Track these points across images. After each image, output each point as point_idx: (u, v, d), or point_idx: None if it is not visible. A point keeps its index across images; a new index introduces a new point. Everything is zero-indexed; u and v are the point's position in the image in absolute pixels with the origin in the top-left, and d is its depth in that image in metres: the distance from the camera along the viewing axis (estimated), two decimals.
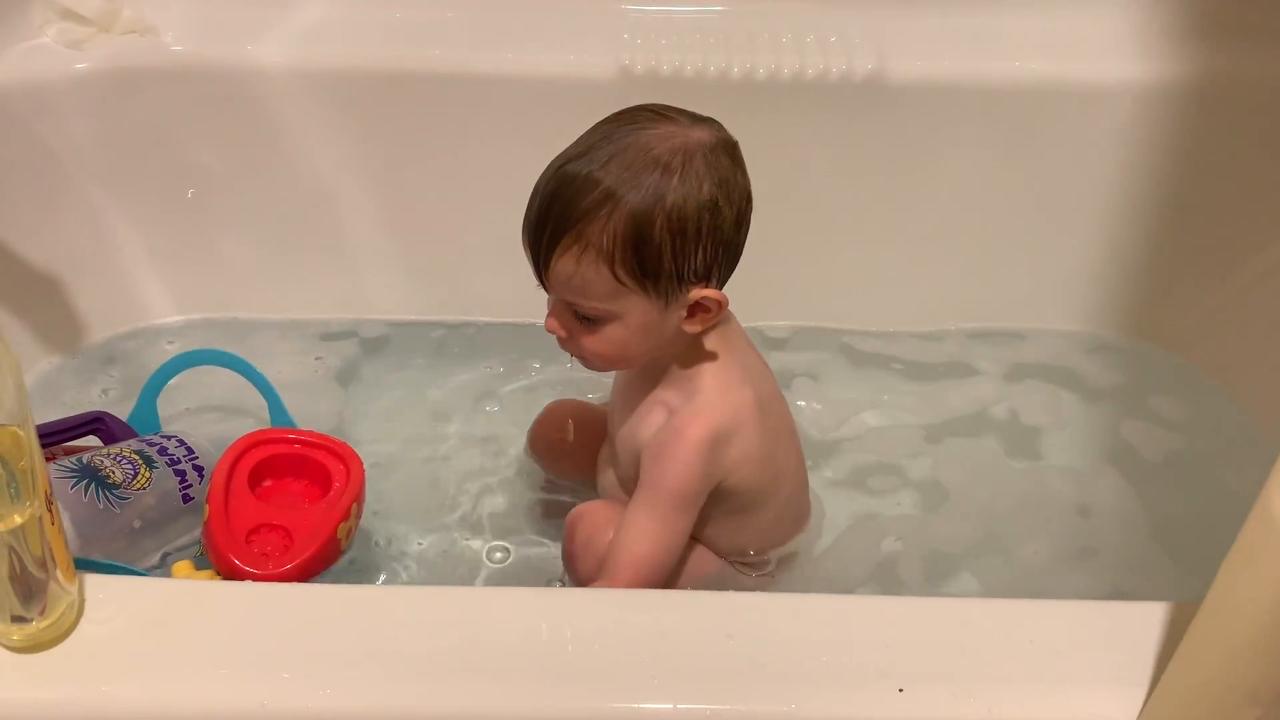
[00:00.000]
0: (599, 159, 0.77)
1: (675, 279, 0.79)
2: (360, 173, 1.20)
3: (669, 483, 0.83)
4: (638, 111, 0.81)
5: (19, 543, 0.60)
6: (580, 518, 0.90)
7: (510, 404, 1.16)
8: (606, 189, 0.76)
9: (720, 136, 0.80)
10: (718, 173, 0.78)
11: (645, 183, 0.76)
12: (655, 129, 0.78)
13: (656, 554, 0.83)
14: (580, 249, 0.77)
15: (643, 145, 0.77)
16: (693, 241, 0.78)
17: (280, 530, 0.84)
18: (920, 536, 1.05)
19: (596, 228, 0.77)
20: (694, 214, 0.77)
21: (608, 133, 0.79)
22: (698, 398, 0.84)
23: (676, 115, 0.80)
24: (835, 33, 1.16)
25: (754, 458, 0.85)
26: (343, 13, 1.18)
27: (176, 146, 1.17)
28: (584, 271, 0.78)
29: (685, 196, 0.77)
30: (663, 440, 0.83)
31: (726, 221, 0.79)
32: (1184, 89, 1.14)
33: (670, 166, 0.77)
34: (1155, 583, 1.01)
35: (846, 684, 0.63)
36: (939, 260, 1.24)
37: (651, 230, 0.76)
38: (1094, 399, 1.20)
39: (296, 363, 1.19)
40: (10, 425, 0.59)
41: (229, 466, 0.87)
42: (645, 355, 0.84)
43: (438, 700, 0.62)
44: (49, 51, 1.13)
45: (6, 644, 0.63)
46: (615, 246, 0.77)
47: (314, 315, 1.25)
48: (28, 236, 1.13)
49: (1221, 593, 0.56)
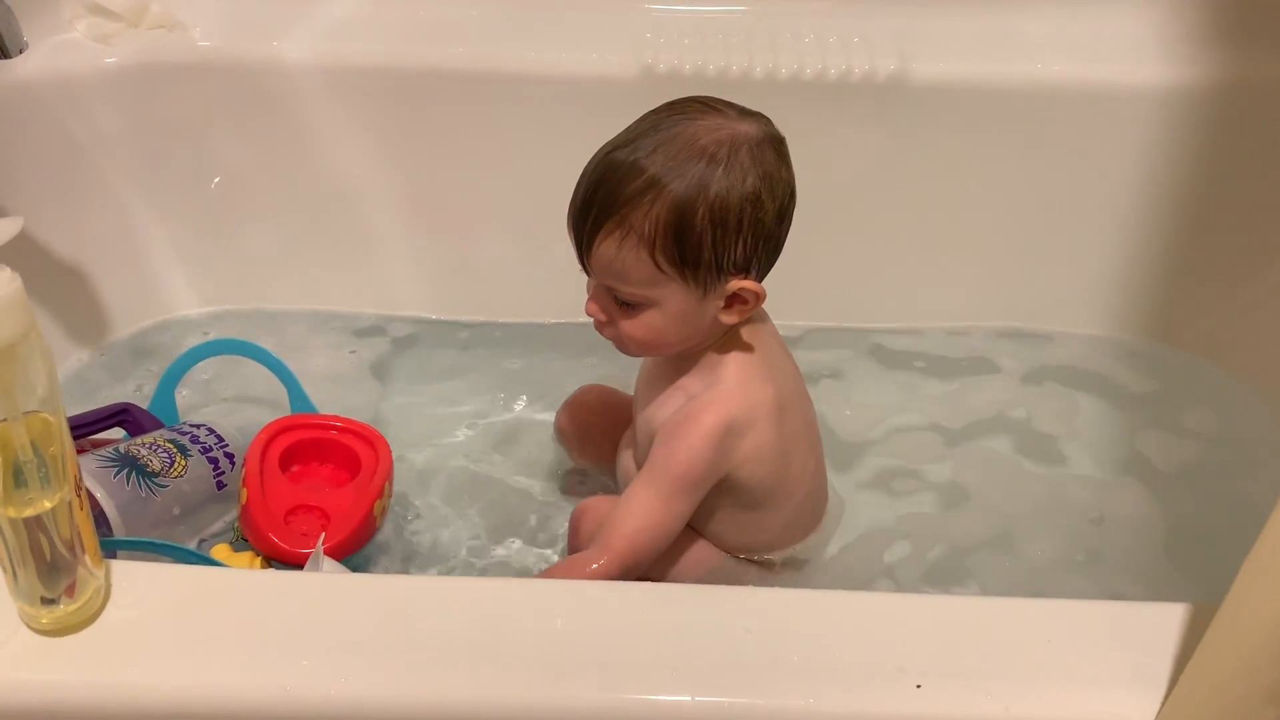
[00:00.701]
0: (645, 147, 0.79)
1: (715, 269, 0.80)
2: (383, 169, 1.21)
3: (675, 464, 0.83)
4: (687, 103, 0.82)
5: (49, 527, 0.61)
6: (584, 513, 0.92)
7: (533, 403, 1.17)
8: (651, 176, 0.78)
9: (767, 131, 0.81)
10: (762, 166, 0.79)
11: (690, 172, 0.77)
12: (703, 120, 0.79)
13: (651, 530, 0.84)
14: (623, 234, 0.78)
15: (689, 135, 0.78)
16: (734, 232, 0.78)
17: (317, 511, 0.86)
18: (933, 539, 1.05)
19: (640, 213, 0.78)
20: (736, 205, 0.78)
21: (656, 122, 0.81)
22: (717, 386, 0.85)
23: (725, 108, 0.81)
24: (858, 33, 1.17)
25: (767, 456, 0.86)
26: (368, 10, 1.19)
27: (203, 141, 1.18)
28: (625, 256, 0.79)
29: (729, 188, 0.77)
30: (676, 422, 0.84)
31: (768, 215, 0.79)
32: (1206, 91, 1.14)
33: (716, 157, 0.78)
34: (1158, 593, 1.00)
35: (864, 679, 0.63)
36: (961, 261, 1.24)
37: (694, 219, 0.77)
38: (1116, 402, 1.20)
39: (331, 355, 1.20)
40: (42, 412, 0.60)
41: (260, 451, 0.89)
42: (681, 343, 0.85)
43: (456, 689, 0.62)
44: (78, 46, 1.14)
45: (35, 627, 0.63)
46: (657, 233, 0.78)
47: (338, 308, 1.26)
48: (56, 230, 1.15)
49: (1241, 594, 0.56)
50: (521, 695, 0.62)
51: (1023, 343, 1.26)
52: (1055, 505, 1.09)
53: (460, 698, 0.62)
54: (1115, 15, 1.18)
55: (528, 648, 0.64)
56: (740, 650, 0.64)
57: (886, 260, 1.25)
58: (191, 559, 0.83)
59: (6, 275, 0.56)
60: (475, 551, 1.02)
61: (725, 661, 0.63)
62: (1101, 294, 1.26)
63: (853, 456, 1.12)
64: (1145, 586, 1.01)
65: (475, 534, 1.03)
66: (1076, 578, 1.02)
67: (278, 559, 0.84)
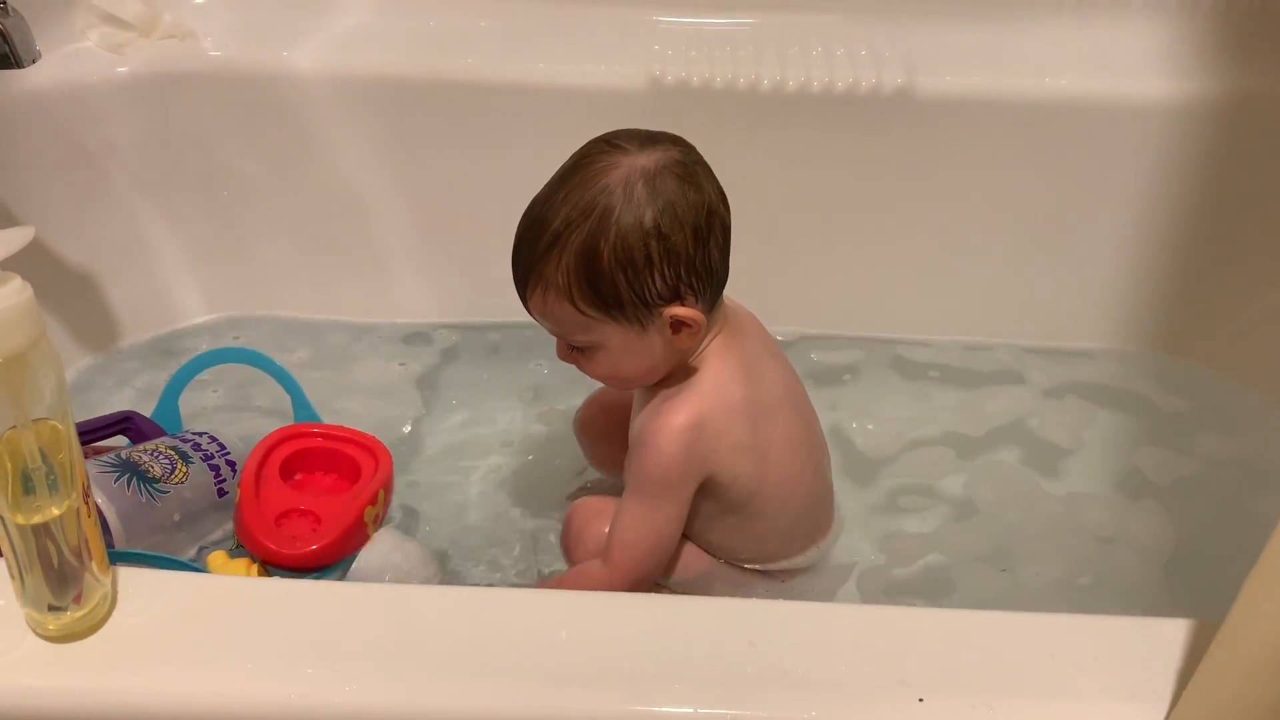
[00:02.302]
0: (554, 201, 0.80)
1: (640, 304, 0.80)
2: (393, 178, 1.21)
3: (650, 468, 0.84)
4: (592, 145, 0.83)
5: (57, 534, 0.61)
6: (575, 510, 0.94)
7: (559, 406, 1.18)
8: (555, 230, 0.79)
9: (667, 157, 0.80)
10: (662, 197, 0.79)
11: (588, 219, 0.79)
12: (601, 161, 0.80)
13: (646, 540, 0.85)
14: (544, 289, 0.81)
15: (588, 180, 0.80)
16: (645, 268, 0.79)
17: (309, 515, 0.87)
18: (950, 554, 1.04)
19: (551, 268, 0.80)
20: (638, 242, 0.78)
21: (565, 172, 0.82)
22: (688, 389, 0.85)
23: (627, 142, 0.81)
24: (864, 46, 1.17)
25: (746, 456, 0.86)
26: (378, 20, 1.20)
27: (214, 150, 1.19)
28: (551, 309, 0.82)
29: (628, 227, 0.78)
30: (647, 427, 0.85)
31: (679, 242, 0.79)
32: (1213, 105, 1.14)
33: (613, 198, 0.78)
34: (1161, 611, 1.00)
35: (867, 692, 0.63)
36: (970, 273, 1.25)
37: (600, 264, 0.79)
38: (1127, 415, 1.19)
39: (380, 367, 1.21)
40: (50, 419, 0.60)
41: (261, 456, 0.90)
42: (647, 373, 0.86)
43: (459, 699, 0.63)
44: (91, 55, 1.15)
45: (42, 633, 0.64)
46: (571, 283, 0.80)
47: (347, 317, 1.27)
48: (68, 237, 1.15)
49: (1244, 610, 0.56)
50: (524, 706, 0.63)
51: (1034, 355, 1.26)
52: (1065, 522, 1.08)
53: (464, 707, 0.63)
54: (1123, 29, 1.18)
55: (531, 658, 0.64)
56: (743, 662, 0.64)
57: (895, 271, 1.25)
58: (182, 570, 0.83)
59: (17, 284, 0.57)
60: (483, 561, 1.02)
61: (728, 673, 0.63)
62: (1111, 307, 1.26)
63: (873, 469, 1.12)
64: (1134, 609, 1.00)
65: (485, 544, 1.03)
66: (1065, 593, 1.01)
67: (266, 560, 0.84)
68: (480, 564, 1.01)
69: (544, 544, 1.03)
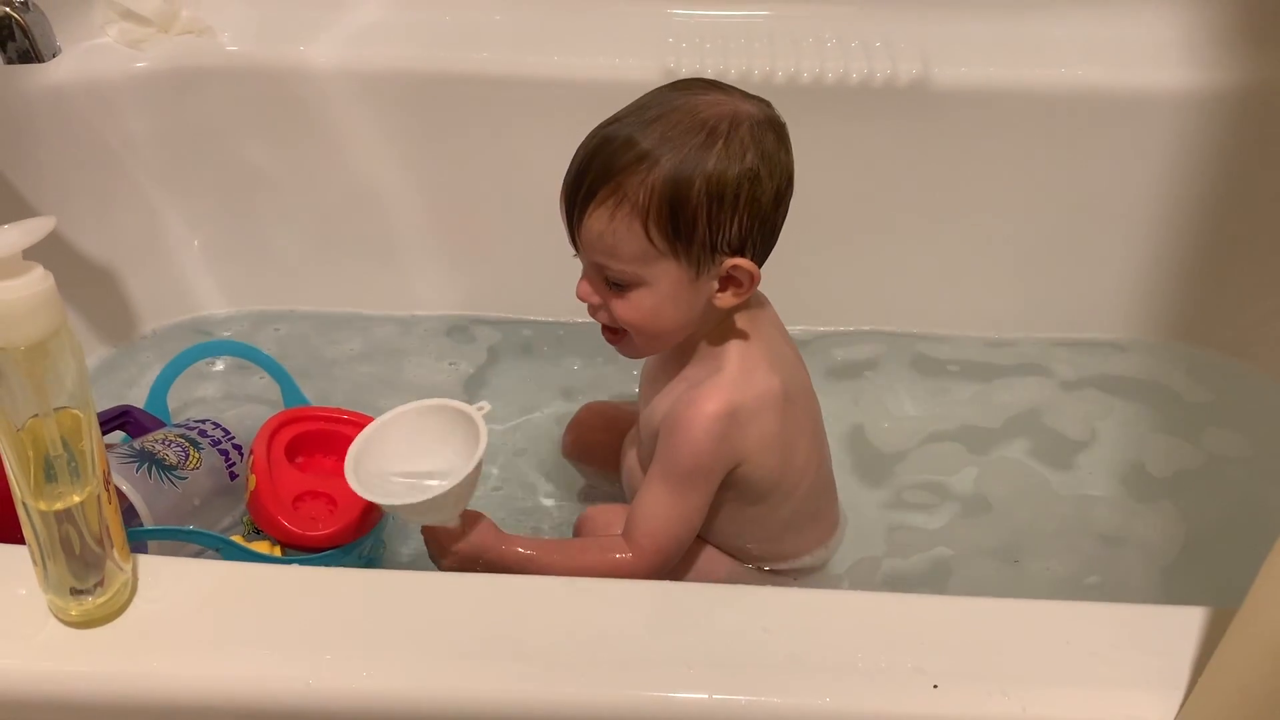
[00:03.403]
0: (643, 120, 0.77)
1: (708, 246, 0.78)
2: (409, 172, 1.22)
3: (682, 455, 0.82)
4: (691, 80, 0.81)
5: (78, 520, 0.62)
6: (585, 521, 0.91)
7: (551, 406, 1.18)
8: (647, 148, 0.76)
9: (769, 114, 0.80)
10: (762, 146, 0.77)
11: (688, 144, 0.76)
12: (704, 95, 0.79)
13: (671, 527, 0.83)
14: (615, 203, 0.76)
15: (689, 109, 0.77)
16: (729, 209, 0.77)
17: (324, 497, 0.87)
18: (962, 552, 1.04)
19: (635, 183, 0.76)
20: (734, 181, 0.76)
21: (656, 97, 0.80)
22: (719, 374, 0.83)
23: (729, 88, 0.80)
24: (879, 38, 1.17)
25: (772, 447, 0.84)
26: (393, 15, 1.21)
27: (231, 144, 1.20)
28: (617, 228, 0.77)
29: (728, 163, 0.76)
30: (678, 412, 0.82)
31: (766, 195, 0.78)
32: (1232, 95, 1.14)
33: (716, 131, 0.76)
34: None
35: (881, 679, 0.63)
36: (986, 265, 1.24)
37: (689, 191, 0.76)
38: (1144, 404, 1.19)
39: (431, 366, 1.22)
40: (72, 408, 0.61)
41: (267, 441, 0.90)
42: (676, 327, 0.82)
43: (474, 684, 0.63)
44: (110, 50, 1.16)
45: (64, 619, 0.65)
46: (651, 204, 0.76)
47: (363, 310, 1.28)
48: (86, 230, 1.17)
49: (1260, 596, 0.56)
50: (541, 691, 0.63)
51: (1060, 348, 1.25)
52: (1076, 520, 1.07)
53: (480, 692, 0.63)
54: (1139, 19, 1.17)
55: (547, 644, 0.65)
56: (758, 649, 0.64)
57: (914, 265, 1.25)
58: (222, 545, 0.84)
59: (39, 273, 0.57)
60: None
61: (743, 660, 0.64)
62: (1133, 298, 1.25)
63: (889, 465, 1.12)
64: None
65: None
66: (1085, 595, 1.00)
67: (288, 543, 0.85)
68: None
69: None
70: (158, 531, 0.84)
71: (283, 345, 1.23)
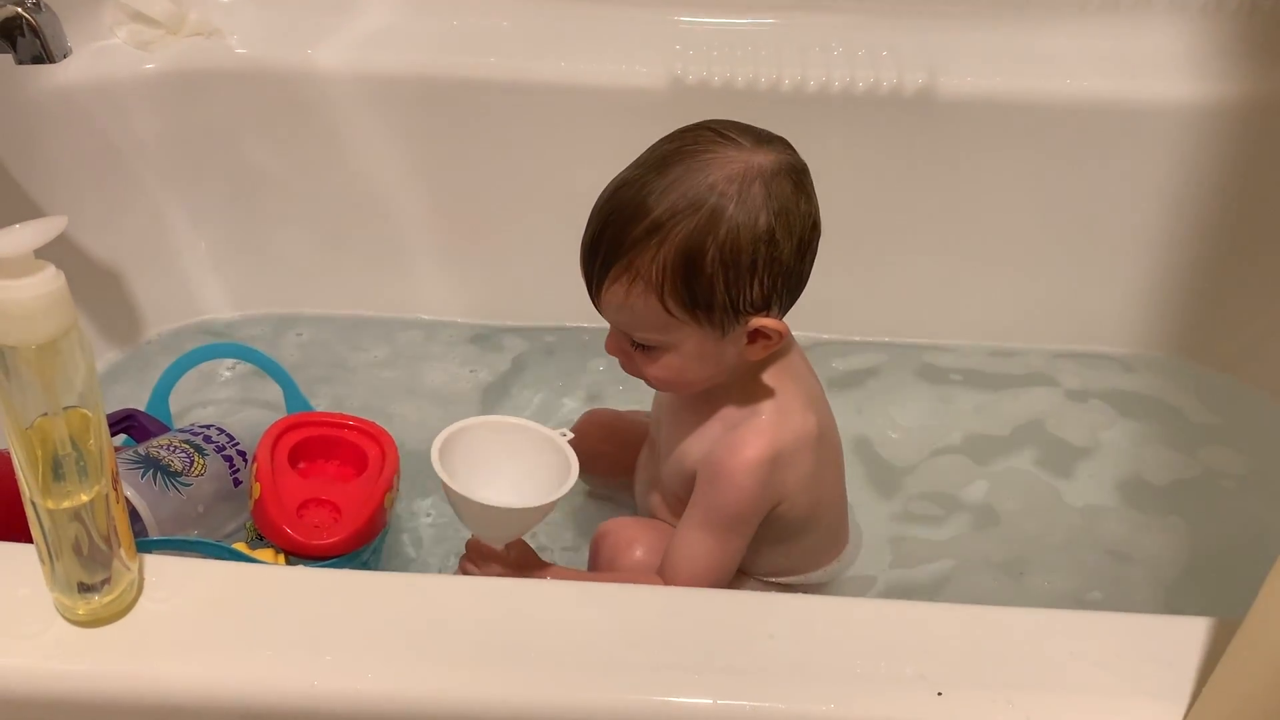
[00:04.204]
0: (654, 185, 0.74)
1: (730, 310, 0.76)
2: (416, 177, 1.22)
3: (725, 503, 0.80)
4: (700, 131, 0.77)
5: (86, 520, 0.62)
6: (605, 535, 0.89)
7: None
8: (657, 218, 0.73)
9: (784, 160, 0.76)
10: (778, 201, 0.74)
11: (698, 212, 0.73)
12: (714, 152, 0.75)
13: (711, 572, 0.82)
14: (630, 279, 0.75)
15: (698, 169, 0.74)
16: (747, 274, 0.75)
17: (328, 505, 0.87)
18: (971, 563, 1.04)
19: (646, 259, 0.74)
20: (748, 246, 0.74)
21: (666, 154, 0.76)
22: (759, 418, 0.81)
23: (740, 135, 0.76)
24: (886, 47, 1.17)
25: (807, 486, 0.84)
26: (402, 20, 1.21)
27: (239, 147, 1.20)
28: (634, 302, 0.76)
29: (739, 228, 0.73)
30: (720, 458, 0.81)
31: (785, 252, 0.75)
32: (1238, 107, 1.14)
33: (726, 194, 0.73)
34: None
35: (886, 686, 0.63)
36: (991, 277, 1.24)
37: (702, 262, 0.73)
38: (1149, 420, 1.19)
39: (449, 371, 1.22)
40: (81, 408, 0.61)
41: (270, 447, 0.90)
42: (706, 381, 0.81)
43: (479, 687, 0.63)
44: (119, 52, 1.16)
45: (71, 618, 0.65)
46: (665, 279, 0.74)
47: (371, 313, 1.28)
48: (93, 231, 1.17)
49: (1265, 608, 0.56)
50: (544, 695, 0.63)
51: (1065, 359, 1.25)
52: (1083, 535, 1.07)
53: (483, 696, 0.63)
54: (1146, 31, 1.17)
55: (551, 648, 0.65)
56: (762, 655, 0.64)
57: (917, 274, 1.25)
58: (227, 556, 0.84)
59: (51, 273, 0.58)
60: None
61: (748, 665, 0.64)
62: (1132, 311, 1.25)
63: (897, 477, 1.12)
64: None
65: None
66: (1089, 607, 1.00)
67: (292, 551, 0.85)
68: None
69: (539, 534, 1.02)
70: (162, 543, 0.84)
71: (305, 351, 1.23)
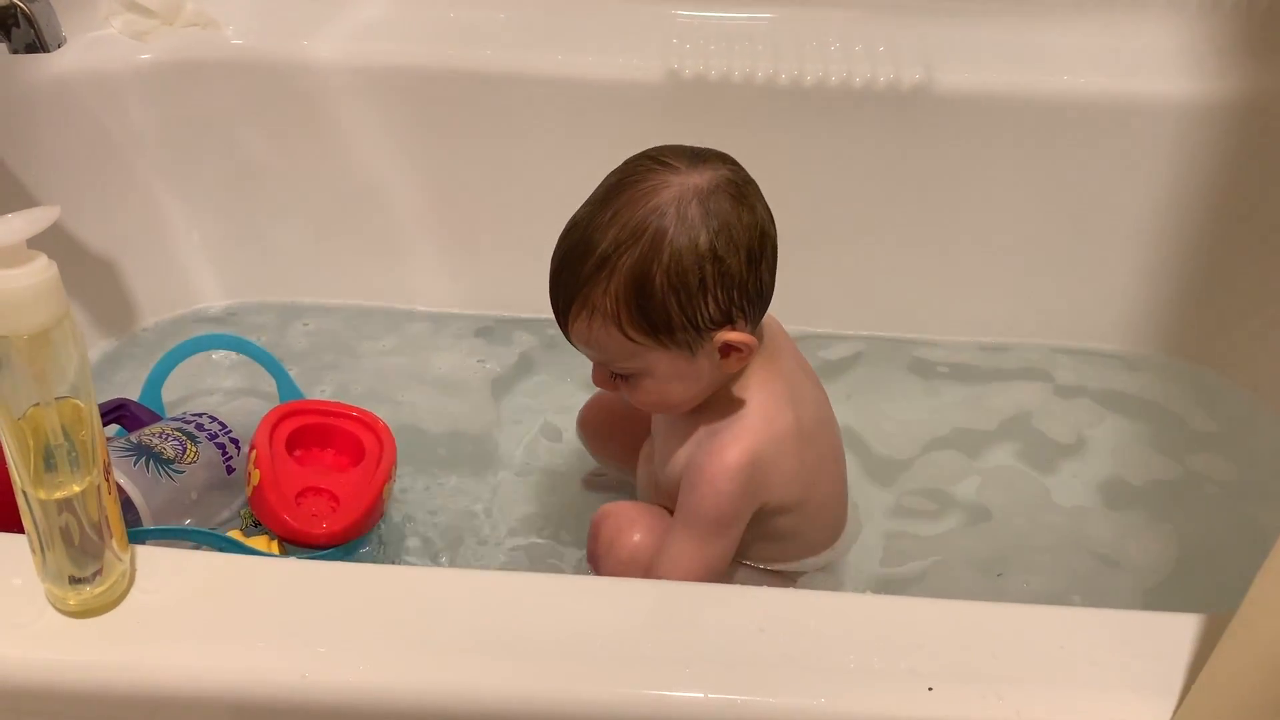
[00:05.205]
0: (598, 220, 0.77)
1: (691, 329, 0.78)
2: (410, 168, 1.22)
3: (707, 508, 0.82)
4: (640, 161, 0.79)
5: (78, 510, 0.62)
6: (604, 518, 0.90)
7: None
8: (603, 253, 0.76)
9: (721, 176, 0.78)
10: (717, 218, 0.76)
11: (640, 241, 0.75)
12: (650, 180, 0.77)
13: (699, 577, 0.83)
14: (589, 314, 0.78)
15: (639, 200, 0.76)
16: (698, 292, 0.76)
17: (326, 494, 0.87)
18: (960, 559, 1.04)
19: (599, 292, 0.77)
20: (693, 266, 0.75)
21: (609, 189, 0.79)
22: (739, 422, 0.83)
23: (676, 159, 0.78)
24: (883, 42, 1.17)
25: (793, 482, 0.85)
26: (397, 11, 1.21)
27: (234, 138, 1.20)
28: (597, 335, 0.78)
29: (681, 249, 0.75)
30: (700, 463, 0.82)
31: (732, 266, 0.77)
32: (1235, 105, 1.14)
33: (665, 219, 0.75)
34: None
35: (876, 680, 0.63)
36: (985, 272, 1.24)
37: (651, 288, 0.76)
38: (1138, 420, 1.19)
39: (460, 362, 1.22)
40: (73, 398, 0.61)
41: (268, 434, 0.90)
42: (694, 398, 0.83)
43: (471, 680, 0.63)
44: (114, 42, 1.16)
45: (62, 608, 0.65)
46: (620, 309, 0.77)
47: (365, 302, 1.28)
48: (88, 221, 1.17)
49: (1255, 603, 0.57)
50: (537, 688, 0.63)
51: (1050, 354, 1.25)
52: (1069, 536, 1.06)
53: (475, 689, 0.63)
54: (1143, 28, 1.17)
55: (544, 641, 0.65)
56: (754, 649, 0.65)
57: (911, 269, 1.25)
58: (219, 543, 0.84)
59: (43, 262, 0.57)
60: (497, 545, 1.02)
61: (739, 660, 0.64)
62: (1125, 309, 1.25)
63: (888, 472, 1.12)
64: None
65: (497, 528, 1.03)
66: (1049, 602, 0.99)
67: (290, 539, 0.85)
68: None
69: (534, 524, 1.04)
70: (156, 532, 0.84)
71: (313, 339, 1.24)
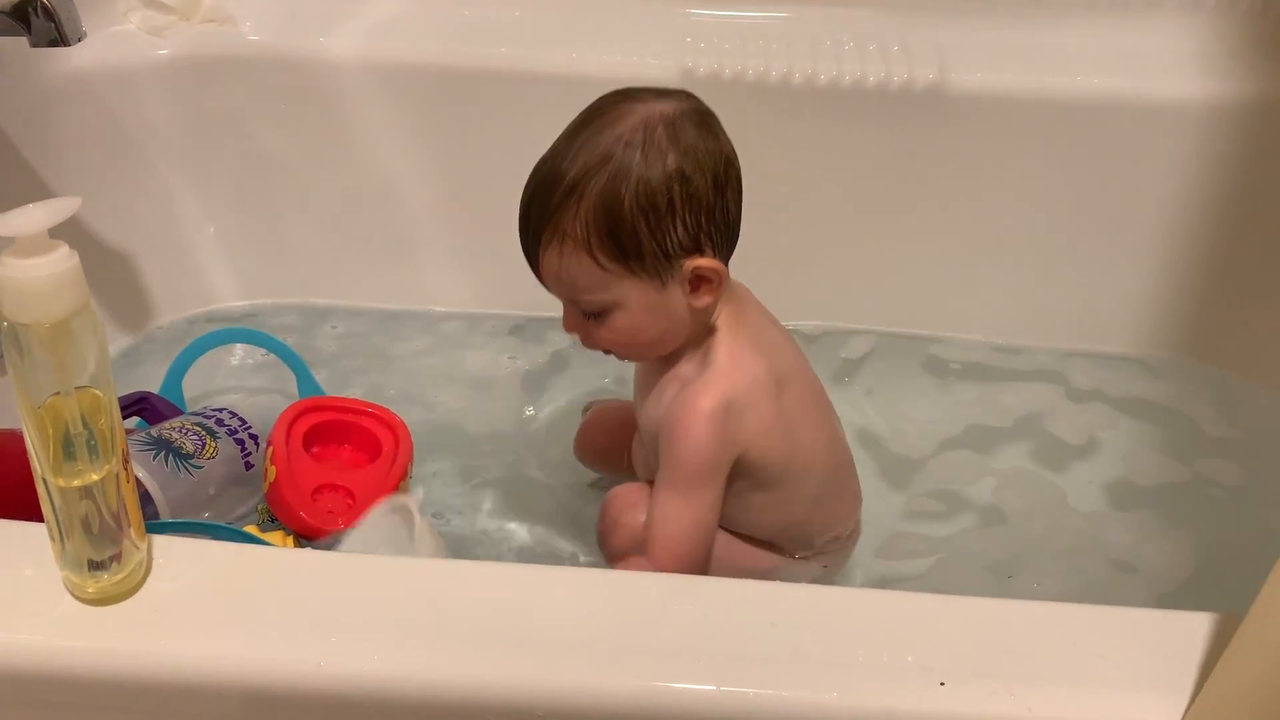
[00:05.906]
0: (566, 151, 0.79)
1: (661, 255, 0.79)
2: (426, 166, 1.23)
3: (685, 458, 0.82)
4: (605, 97, 0.82)
5: (96, 498, 0.62)
6: (611, 499, 0.92)
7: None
8: (572, 180, 0.78)
9: (685, 106, 0.80)
10: (684, 141, 0.78)
11: (608, 165, 0.77)
12: (616, 110, 0.79)
13: (686, 530, 0.84)
14: (559, 242, 0.79)
15: (604, 126, 0.78)
16: (667, 215, 0.78)
17: (342, 490, 0.88)
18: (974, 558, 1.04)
19: (569, 218, 0.78)
20: (662, 187, 0.77)
21: (576, 124, 0.81)
22: (708, 370, 0.84)
23: (642, 93, 0.81)
24: (897, 42, 1.17)
25: (773, 430, 0.85)
26: (414, 9, 1.21)
27: (251, 134, 1.21)
28: (568, 264, 0.79)
29: (649, 171, 0.77)
30: (674, 415, 0.83)
31: (700, 188, 0.78)
32: (1248, 107, 1.14)
33: (631, 143, 0.77)
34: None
35: (888, 675, 0.63)
36: (997, 273, 1.24)
37: (621, 210, 0.77)
38: (1152, 422, 1.19)
39: (489, 359, 1.23)
40: (92, 388, 0.61)
41: (285, 431, 0.90)
42: (663, 339, 0.84)
43: (484, 671, 0.63)
44: (132, 38, 1.17)
45: (80, 596, 0.65)
46: (590, 234, 0.78)
47: (379, 304, 1.28)
48: (105, 217, 1.17)
49: (1268, 603, 0.56)
50: (548, 679, 0.63)
51: (1063, 356, 1.25)
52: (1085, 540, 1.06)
53: (488, 680, 0.63)
54: (1156, 29, 1.17)
55: (555, 633, 0.65)
56: (766, 643, 0.65)
57: (924, 268, 1.25)
58: (236, 537, 0.85)
59: (64, 252, 0.58)
60: (509, 538, 1.03)
61: (751, 653, 0.64)
62: (1141, 311, 1.25)
63: (904, 471, 1.12)
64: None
65: (511, 520, 1.04)
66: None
67: (306, 535, 0.85)
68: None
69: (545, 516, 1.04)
70: (173, 525, 0.84)
71: (341, 342, 1.24)
